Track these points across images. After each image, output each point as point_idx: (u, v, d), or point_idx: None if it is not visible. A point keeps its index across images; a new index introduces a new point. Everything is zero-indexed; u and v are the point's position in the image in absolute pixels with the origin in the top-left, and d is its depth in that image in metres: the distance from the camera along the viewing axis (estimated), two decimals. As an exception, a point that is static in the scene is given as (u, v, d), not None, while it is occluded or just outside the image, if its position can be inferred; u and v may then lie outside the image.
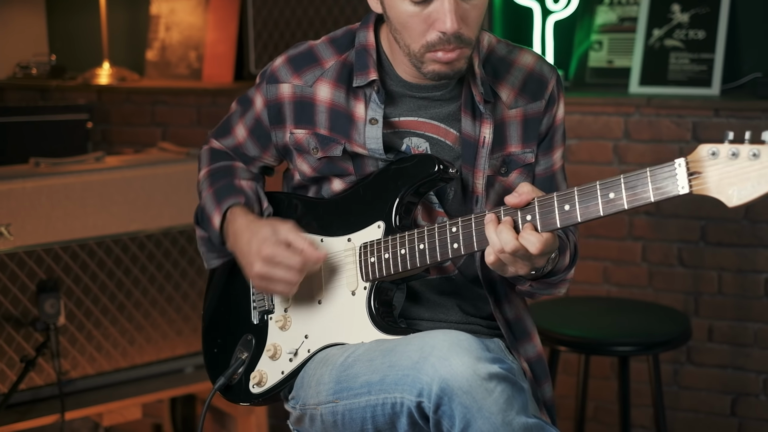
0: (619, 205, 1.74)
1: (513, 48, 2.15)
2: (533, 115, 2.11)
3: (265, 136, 2.19)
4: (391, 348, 1.90)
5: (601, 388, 3.60)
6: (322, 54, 2.13)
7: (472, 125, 2.06)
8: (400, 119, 2.08)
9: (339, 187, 2.12)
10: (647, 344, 2.90)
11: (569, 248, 2.06)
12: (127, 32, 4.47)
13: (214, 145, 2.29)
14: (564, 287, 2.12)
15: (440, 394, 1.77)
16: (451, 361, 1.78)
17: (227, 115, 2.27)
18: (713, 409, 3.50)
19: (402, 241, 1.98)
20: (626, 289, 3.56)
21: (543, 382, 2.15)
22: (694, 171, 1.66)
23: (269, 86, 2.14)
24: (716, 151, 1.64)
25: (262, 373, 2.13)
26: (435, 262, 1.95)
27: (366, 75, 2.07)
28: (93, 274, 3.10)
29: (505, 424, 1.77)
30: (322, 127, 2.09)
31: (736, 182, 1.62)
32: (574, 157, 3.56)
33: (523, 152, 2.11)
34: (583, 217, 1.77)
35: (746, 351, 3.44)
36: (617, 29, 3.75)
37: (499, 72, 2.11)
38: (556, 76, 2.15)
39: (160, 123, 4.14)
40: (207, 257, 2.26)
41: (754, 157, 1.60)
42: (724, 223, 3.41)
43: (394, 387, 1.84)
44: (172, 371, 3.29)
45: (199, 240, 2.26)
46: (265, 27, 4.09)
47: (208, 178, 2.24)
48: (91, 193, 3.09)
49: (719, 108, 3.38)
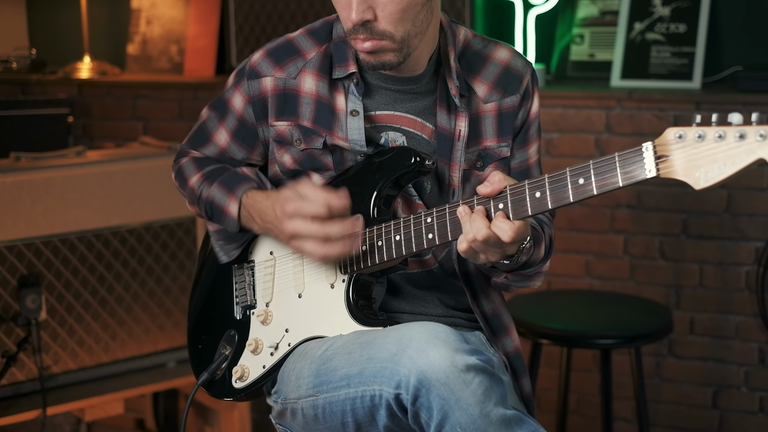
0: (588, 191, 1.74)
1: (488, 42, 2.15)
2: (508, 109, 2.11)
3: (251, 135, 2.16)
4: (369, 340, 1.90)
5: (583, 380, 3.62)
6: (303, 45, 2.12)
7: (447, 119, 2.06)
8: (377, 113, 2.08)
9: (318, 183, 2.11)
10: (629, 337, 2.91)
11: (544, 240, 2.07)
12: (107, 26, 4.46)
13: (194, 154, 2.23)
14: (539, 279, 2.12)
15: (418, 386, 1.78)
16: (428, 353, 1.78)
17: (199, 124, 2.22)
18: (695, 402, 3.52)
19: (379, 232, 1.98)
20: (608, 282, 3.57)
21: (521, 376, 2.15)
22: (661, 154, 1.66)
23: (251, 82, 2.12)
24: (683, 134, 1.64)
25: (244, 367, 2.13)
26: (411, 252, 1.95)
27: (346, 67, 2.06)
28: (74, 269, 3.09)
29: (482, 415, 1.77)
30: (306, 119, 2.08)
31: (703, 164, 1.62)
32: (555, 150, 3.57)
33: (499, 146, 2.11)
34: (553, 204, 1.78)
35: (727, 343, 3.46)
36: (598, 23, 3.75)
37: (475, 66, 2.11)
38: (531, 70, 2.15)
39: (141, 117, 4.13)
40: (225, 250, 2.19)
41: (720, 139, 1.61)
42: (706, 216, 3.42)
43: (373, 379, 1.84)
44: (154, 366, 3.29)
45: (214, 235, 2.19)
46: (246, 21, 4.08)
47: (205, 180, 2.17)
48: (72, 188, 3.08)
49: (700, 101, 3.39)
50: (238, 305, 2.19)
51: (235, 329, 2.19)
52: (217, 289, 2.24)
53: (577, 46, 3.78)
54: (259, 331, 2.14)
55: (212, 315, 2.24)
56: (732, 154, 1.60)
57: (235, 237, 2.17)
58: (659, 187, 3.46)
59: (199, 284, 2.30)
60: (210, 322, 2.24)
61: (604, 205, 3.53)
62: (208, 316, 2.25)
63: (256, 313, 2.16)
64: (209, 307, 2.26)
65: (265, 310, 2.14)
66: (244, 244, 2.19)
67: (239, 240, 2.18)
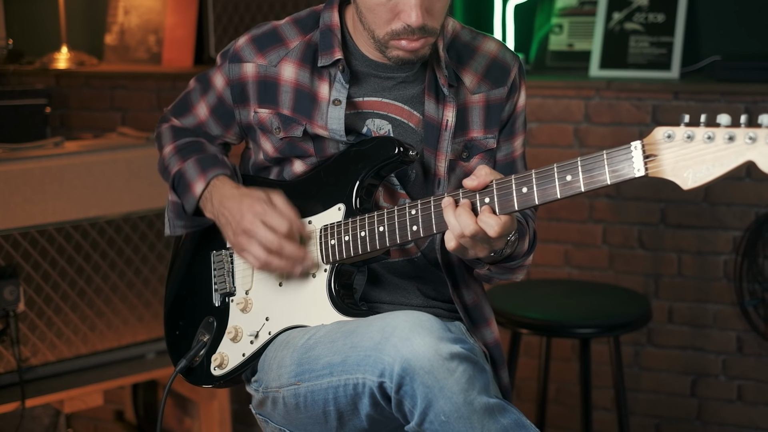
0: (576, 188, 1.75)
1: (477, 35, 2.16)
2: (495, 101, 2.12)
3: (228, 114, 2.18)
4: (352, 329, 1.90)
5: (563, 370, 3.63)
6: (287, 34, 2.12)
7: (435, 108, 2.07)
8: (364, 99, 2.08)
9: (300, 169, 2.12)
10: (608, 326, 2.92)
11: (528, 234, 2.07)
12: (85, 16, 4.43)
13: (174, 123, 2.27)
14: (521, 273, 2.13)
15: (402, 374, 1.78)
16: (412, 342, 1.79)
17: (185, 92, 2.26)
18: (673, 390, 3.53)
19: (362, 223, 1.98)
20: (587, 272, 3.58)
21: (500, 368, 2.16)
22: (650, 154, 1.67)
23: (232, 65, 2.13)
24: (672, 134, 1.65)
25: (223, 355, 2.13)
26: (395, 244, 1.95)
27: (331, 54, 2.07)
28: (53, 261, 3.08)
29: (466, 403, 1.78)
30: (285, 107, 2.09)
31: (692, 165, 1.63)
32: (534, 140, 3.57)
33: (485, 137, 2.12)
34: (540, 200, 1.78)
35: (705, 332, 3.47)
36: (577, 13, 3.76)
37: (463, 57, 2.12)
38: (518, 63, 2.16)
39: (120, 108, 4.11)
40: (173, 223, 2.22)
41: (709, 140, 1.62)
42: (684, 205, 3.44)
43: (356, 368, 1.84)
44: (133, 357, 3.28)
45: (169, 205, 2.22)
46: (224, 10, 4.07)
47: (179, 151, 2.20)
48: (50, 179, 3.06)
49: (679, 91, 3.40)
50: (216, 292, 2.19)
51: (213, 316, 2.18)
52: (195, 275, 2.24)
53: (555, 36, 3.78)
54: (239, 319, 2.14)
55: (190, 301, 2.24)
56: (721, 155, 1.61)
57: (185, 216, 2.19)
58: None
59: (174, 269, 2.30)
60: (187, 309, 2.24)
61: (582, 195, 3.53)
62: (186, 302, 2.25)
63: (235, 300, 2.15)
64: (186, 293, 2.25)
65: (245, 298, 2.14)
66: (192, 228, 2.21)
67: (187, 221, 2.19)
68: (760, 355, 3.42)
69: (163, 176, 2.24)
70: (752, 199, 3.37)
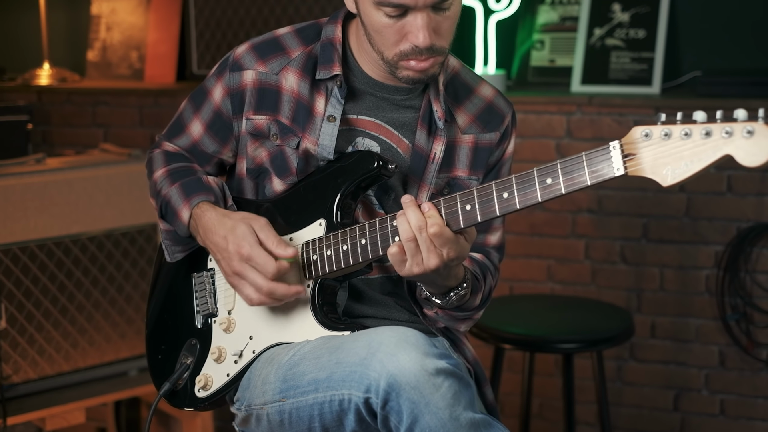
0: (556, 191, 1.75)
1: (475, 77, 2.18)
2: (485, 145, 2.13)
3: (225, 128, 2.15)
4: (337, 345, 1.90)
5: (546, 385, 3.63)
6: (288, 43, 2.12)
7: (426, 139, 2.07)
8: (358, 117, 2.08)
9: (279, 187, 2.11)
10: (591, 341, 2.92)
11: (482, 291, 2.08)
12: (67, 32, 4.43)
13: (167, 147, 2.23)
14: (467, 325, 2.14)
15: (388, 390, 1.78)
16: (398, 357, 1.78)
17: (177, 114, 2.23)
18: (656, 405, 3.54)
19: (344, 237, 1.98)
20: (570, 287, 3.59)
21: (483, 385, 2.16)
22: (628, 153, 1.68)
23: (232, 74, 2.11)
24: (649, 133, 1.66)
25: (207, 376, 2.12)
26: (377, 256, 1.95)
27: (330, 68, 2.06)
28: (34, 278, 3.07)
29: (452, 419, 1.78)
30: (285, 116, 2.08)
31: (670, 162, 1.64)
32: (517, 155, 3.55)
33: (469, 178, 2.12)
34: (522, 204, 1.78)
35: (688, 346, 3.48)
36: (559, 28, 3.77)
37: (459, 96, 2.13)
38: (512, 111, 2.18)
39: (102, 124, 4.10)
40: (172, 250, 2.20)
41: (686, 137, 1.63)
42: (666, 220, 3.45)
43: (342, 383, 1.84)
44: (115, 374, 3.26)
45: (164, 233, 2.20)
46: (207, 27, 4.07)
47: (169, 176, 2.17)
48: (31, 196, 3.05)
49: (660, 106, 3.41)
50: (199, 314, 2.18)
51: (196, 338, 2.17)
52: (176, 298, 2.23)
53: (537, 52, 3.79)
54: (222, 339, 2.13)
55: (171, 324, 2.22)
56: (698, 151, 1.62)
57: (182, 240, 2.17)
58: (620, 191, 3.48)
59: (156, 292, 2.28)
60: (169, 332, 2.22)
61: (565, 210, 3.54)
62: (167, 325, 2.23)
63: (218, 321, 2.14)
64: (168, 316, 2.24)
65: (228, 318, 2.13)
66: (190, 250, 2.19)
67: (185, 245, 2.18)
68: (743, 369, 3.43)
69: (155, 201, 2.21)
70: (734, 214, 3.38)
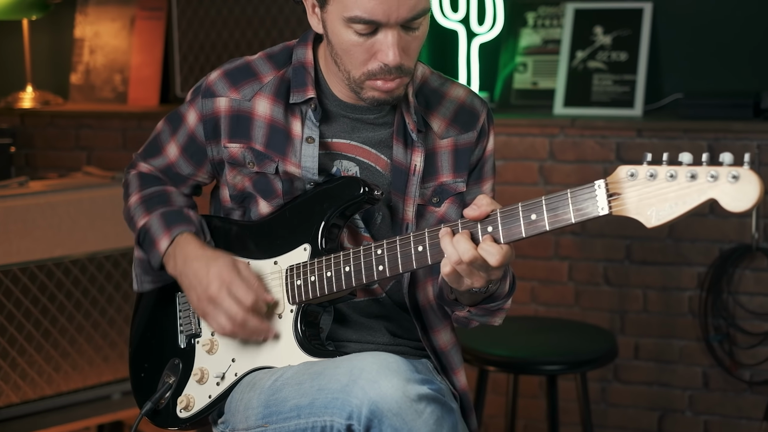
0: (541, 227, 1.76)
1: (445, 80, 2.17)
2: (464, 146, 2.13)
3: (199, 152, 2.16)
4: (320, 371, 1.89)
5: (530, 406, 3.63)
6: (260, 69, 2.12)
7: (403, 153, 2.07)
8: (333, 140, 2.08)
9: (266, 210, 2.11)
10: (574, 363, 2.92)
11: (509, 276, 2.07)
12: (50, 55, 4.43)
13: (142, 168, 2.24)
14: (500, 317, 2.12)
15: (370, 417, 1.77)
16: (380, 384, 1.78)
17: (154, 135, 2.23)
18: (640, 426, 3.54)
19: (328, 263, 1.98)
20: (553, 309, 3.59)
21: (468, 415, 2.15)
22: (613, 192, 1.68)
23: (205, 101, 2.11)
24: (635, 173, 1.66)
25: (189, 397, 2.12)
26: (361, 284, 1.95)
27: (304, 92, 2.06)
28: (17, 301, 3.06)
29: (434, 445, 1.77)
30: (258, 142, 2.08)
31: (655, 203, 1.64)
32: (500, 177, 3.59)
33: (455, 181, 2.12)
34: (506, 239, 1.79)
35: (671, 368, 3.49)
36: (541, 51, 3.79)
37: (431, 103, 2.12)
38: (486, 109, 2.17)
39: (85, 147, 4.10)
40: (141, 279, 2.20)
41: (671, 179, 1.63)
42: (649, 241, 3.46)
43: (324, 410, 1.83)
44: (98, 398, 3.25)
45: (136, 261, 2.20)
46: (190, 50, 4.08)
47: (143, 203, 2.17)
48: (14, 219, 3.04)
49: (642, 128, 3.43)
50: (182, 333, 2.18)
51: (179, 358, 2.17)
52: (160, 317, 2.22)
53: (520, 75, 3.81)
54: (205, 361, 2.13)
55: (155, 343, 2.22)
56: (683, 194, 1.62)
57: (152, 272, 2.17)
58: (603, 213, 3.49)
59: (140, 309, 2.28)
60: (153, 350, 2.22)
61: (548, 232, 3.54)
62: (151, 344, 2.23)
63: (201, 342, 2.14)
64: (151, 335, 2.24)
65: (211, 339, 2.12)
66: (160, 284, 2.19)
67: (155, 276, 2.18)
68: (726, 390, 3.44)
69: (130, 226, 2.22)
70: (716, 236, 3.40)
